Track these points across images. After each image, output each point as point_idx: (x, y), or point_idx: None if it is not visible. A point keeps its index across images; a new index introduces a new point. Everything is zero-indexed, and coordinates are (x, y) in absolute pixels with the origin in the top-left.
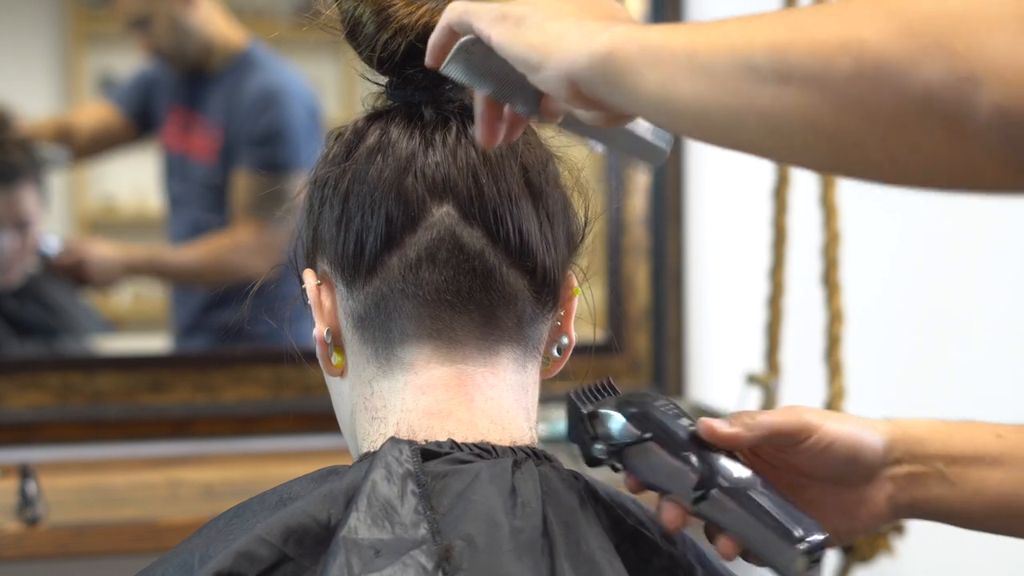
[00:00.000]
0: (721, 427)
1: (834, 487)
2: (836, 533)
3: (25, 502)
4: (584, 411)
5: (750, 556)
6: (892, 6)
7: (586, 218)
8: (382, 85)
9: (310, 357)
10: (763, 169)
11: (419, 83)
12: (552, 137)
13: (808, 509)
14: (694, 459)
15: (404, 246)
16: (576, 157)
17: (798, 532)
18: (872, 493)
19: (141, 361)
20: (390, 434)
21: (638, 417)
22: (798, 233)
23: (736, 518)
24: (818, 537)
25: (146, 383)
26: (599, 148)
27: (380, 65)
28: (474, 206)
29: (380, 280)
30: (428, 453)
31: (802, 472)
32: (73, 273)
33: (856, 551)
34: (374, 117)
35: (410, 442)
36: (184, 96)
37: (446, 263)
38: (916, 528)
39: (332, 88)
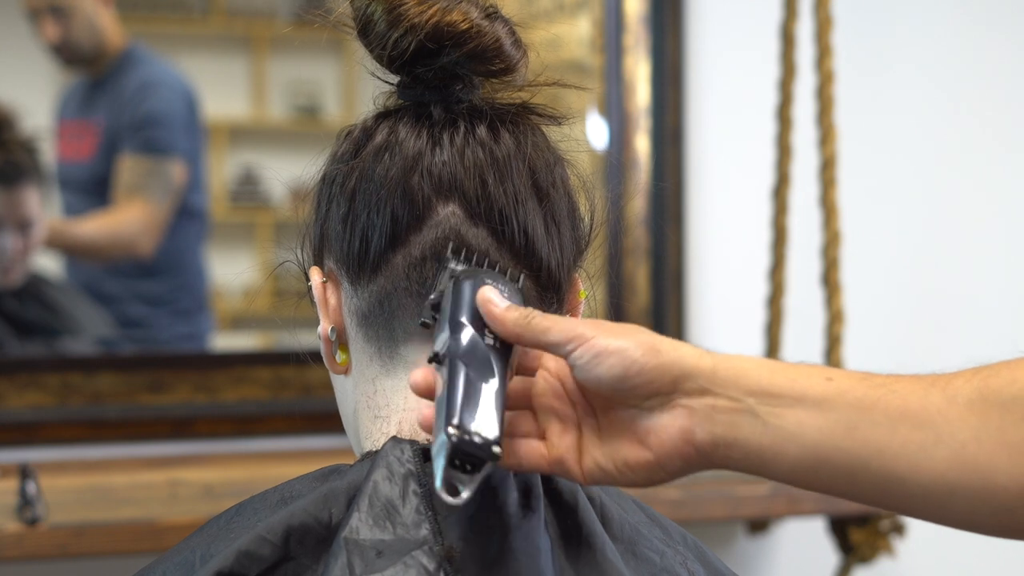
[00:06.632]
0: (494, 302)
1: (635, 412)
2: (628, 464)
3: (25, 502)
4: (444, 262)
5: None
6: None
7: (592, 222)
8: (393, 84)
9: (315, 355)
10: (763, 169)
11: (429, 82)
12: (561, 141)
13: (606, 431)
14: (450, 325)
15: (409, 245)
16: (584, 161)
17: (457, 420)
18: (665, 422)
19: (141, 361)
20: (392, 433)
21: (459, 281)
22: (798, 233)
23: (440, 389)
24: (477, 439)
25: (146, 383)
26: None
27: (390, 64)
28: (480, 206)
29: (384, 278)
30: (430, 453)
31: (586, 390)
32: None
33: (856, 551)
34: (383, 115)
35: (412, 442)
36: (74, 109)
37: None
38: (916, 528)
39: (332, 88)
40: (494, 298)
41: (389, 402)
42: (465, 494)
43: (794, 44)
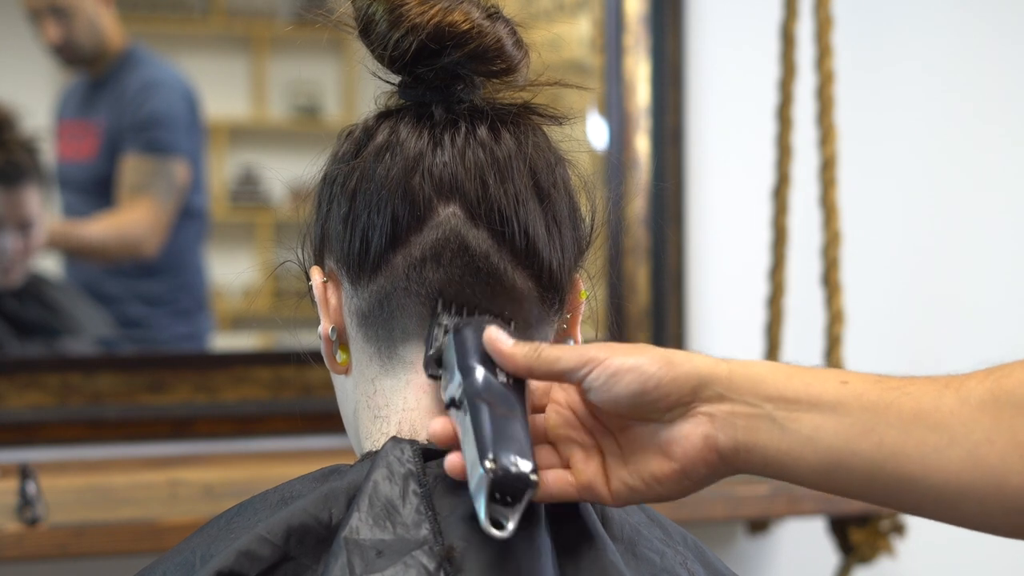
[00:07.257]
0: (501, 341)
1: (655, 426)
2: (656, 477)
3: (25, 502)
4: (436, 318)
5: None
6: None
7: (592, 222)
8: (394, 84)
9: (315, 355)
10: (763, 169)
11: (430, 82)
12: (562, 141)
13: (628, 450)
14: (460, 370)
15: (409, 245)
16: (584, 161)
17: (491, 455)
18: (688, 430)
19: (141, 361)
20: (392, 433)
21: (458, 331)
22: (798, 233)
23: (464, 431)
24: (513, 469)
25: (146, 383)
26: None
27: (392, 64)
28: (481, 207)
29: (384, 279)
30: (430, 453)
31: (602, 412)
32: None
33: (856, 551)
34: (384, 115)
35: (412, 442)
36: (74, 109)
37: (451, 263)
38: (916, 528)
39: (332, 88)
40: (501, 337)
41: (389, 402)
42: (511, 526)
43: (794, 44)
